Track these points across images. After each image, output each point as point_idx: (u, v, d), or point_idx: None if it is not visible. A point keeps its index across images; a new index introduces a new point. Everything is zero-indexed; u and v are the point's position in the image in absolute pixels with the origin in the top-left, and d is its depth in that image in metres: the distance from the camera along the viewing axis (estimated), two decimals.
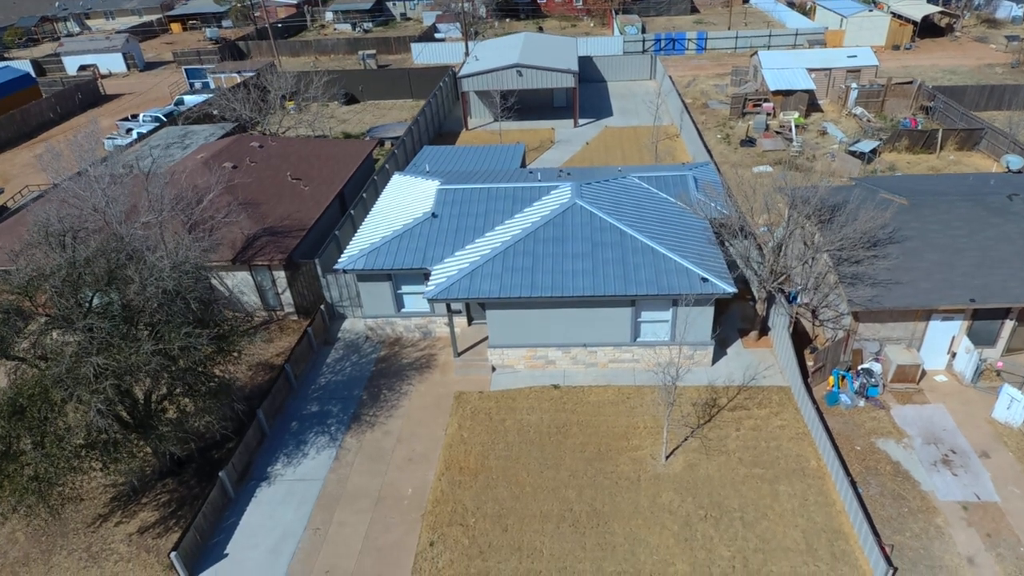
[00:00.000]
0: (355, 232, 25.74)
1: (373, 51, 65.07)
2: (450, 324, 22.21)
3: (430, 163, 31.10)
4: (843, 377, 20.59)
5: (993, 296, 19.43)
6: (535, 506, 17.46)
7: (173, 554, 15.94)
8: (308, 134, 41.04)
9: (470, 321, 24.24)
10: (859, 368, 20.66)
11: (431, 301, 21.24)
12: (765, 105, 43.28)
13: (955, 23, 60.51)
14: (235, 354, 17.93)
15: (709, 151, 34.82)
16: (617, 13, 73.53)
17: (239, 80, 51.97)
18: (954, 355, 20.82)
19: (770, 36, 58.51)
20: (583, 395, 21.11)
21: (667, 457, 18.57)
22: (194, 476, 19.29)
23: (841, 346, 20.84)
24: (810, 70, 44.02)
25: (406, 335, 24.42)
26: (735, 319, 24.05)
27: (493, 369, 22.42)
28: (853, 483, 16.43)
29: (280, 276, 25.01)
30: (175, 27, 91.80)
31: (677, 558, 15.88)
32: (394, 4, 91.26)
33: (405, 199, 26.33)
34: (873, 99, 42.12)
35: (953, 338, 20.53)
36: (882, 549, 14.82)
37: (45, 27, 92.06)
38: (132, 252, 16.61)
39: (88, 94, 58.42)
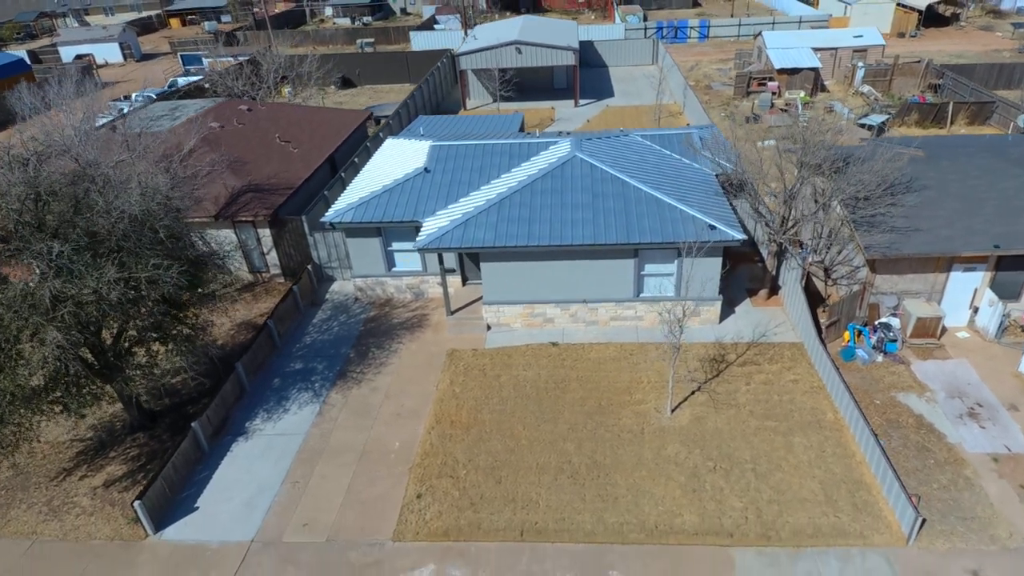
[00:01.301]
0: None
1: (372, 39, 64.34)
2: (443, 282, 21.07)
3: (425, 128, 30.06)
4: (859, 332, 19.39)
5: (1018, 242, 18.28)
6: (531, 458, 16.22)
7: (137, 503, 14.70)
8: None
9: (464, 281, 23.08)
10: (876, 323, 19.48)
11: (422, 252, 20.08)
12: (770, 84, 42.33)
13: (960, 12, 59.78)
14: (207, 293, 16.71)
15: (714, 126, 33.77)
16: (618, 5, 72.90)
17: (235, 63, 51.11)
18: (976, 310, 19.64)
19: (773, 23, 57.74)
20: (583, 352, 19.91)
21: (672, 411, 17.35)
22: (167, 431, 18.05)
23: (857, 299, 19.67)
24: (815, 49, 43.13)
25: (397, 296, 23.24)
26: (743, 280, 22.88)
27: (488, 328, 21.23)
28: (874, 434, 15.21)
29: (265, 234, 23.87)
30: (174, 22, 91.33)
31: (684, 509, 14.63)
32: (393, 1, 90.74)
33: (397, 159, 25.23)
34: (880, 78, 41.17)
35: (975, 291, 19.36)
36: (909, 498, 13.58)
37: (44, 23, 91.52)
38: (101, 180, 15.47)
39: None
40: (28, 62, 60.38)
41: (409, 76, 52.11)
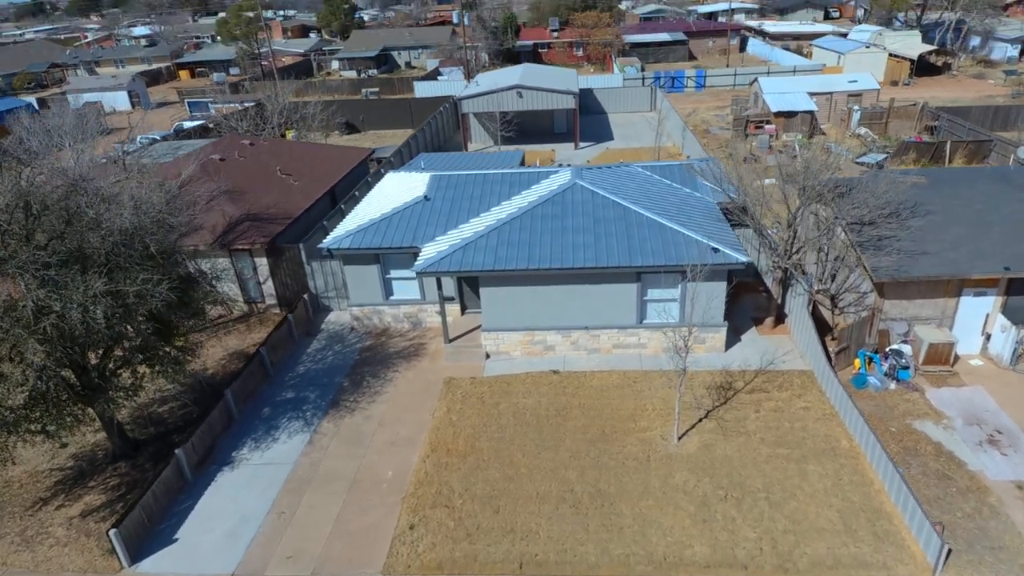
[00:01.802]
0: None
1: (376, 89, 65.71)
2: (441, 310, 20.59)
3: (426, 162, 30.13)
4: (870, 359, 18.78)
5: None
6: (531, 487, 15.39)
7: (113, 532, 13.83)
8: None
9: (463, 310, 22.59)
10: (887, 350, 18.88)
11: (420, 276, 19.70)
12: (767, 127, 42.82)
13: (951, 62, 61.15)
14: (197, 311, 16.19)
15: None
16: (616, 57, 74.79)
17: (240, 108, 51.99)
18: (989, 336, 19.06)
19: (768, 72, 58.97)
20: (585, 380, 19.25)
21: (679, 438, 16.59)
22: (150, 460, 17.25)
23: (865, 325, 19.13)
24: (811, 94, 43.81)
25: (394, 325, 22.71)
26: (748, 309, 22.38)
27: (487, 356, 20.62)
28: (892, 461, 14.43)
29: (262, 263, 23.52)
30: (183, 74, 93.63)
31: (695, 540, 13.74)
32: (399, 54, 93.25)
33: (397, 190, 25.11)
34: (876, 120, 41.66)
35: (987, 316, 18.84)
36: (934, 527, 12.73)
37: (55, 74, 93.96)
38: (93, 192, 15.19)
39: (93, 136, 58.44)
40: (36, 106, 61.48)
41: (412, 122, 52.85)
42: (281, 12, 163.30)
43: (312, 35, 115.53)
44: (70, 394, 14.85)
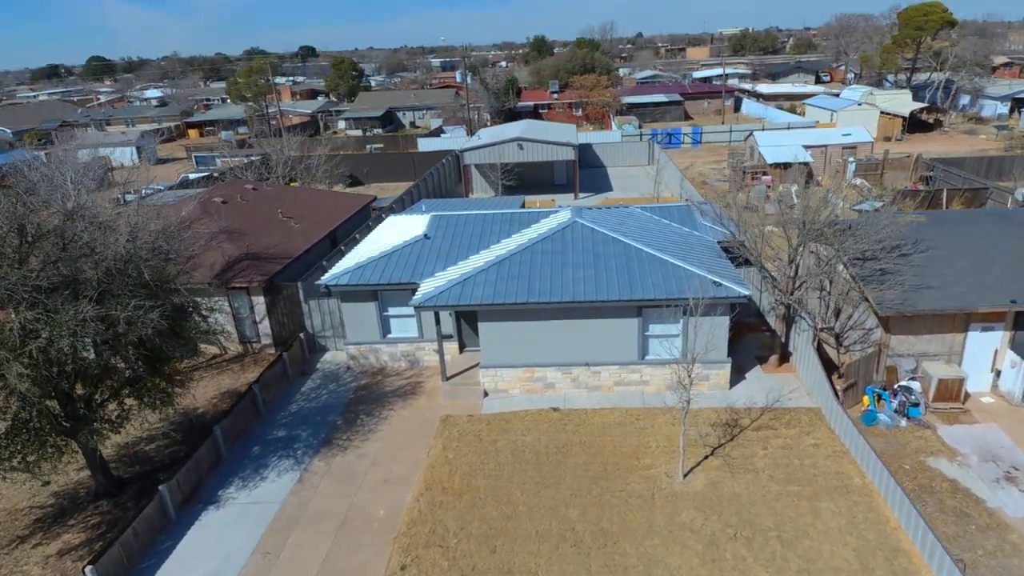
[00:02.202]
0: None
1: (381, 144, 67.05)
2: (439, 347, 20.24)
3: (427, 206, 30.31)
4: (879, 396, 18.27)
5: None
6: (530, 526, 14.66)
7: (89, 568, 13.08)
8: None
9: (462, 348, 22.21)
10: (896, 386, 18.40)
11: (418, 310, 19.44)
12: (764, 178, 43.36)
13: (943, 119, 62.55)
14: (189, 340, 15.83)
15: None
16: (614, 116, 76.66)
17: (246, 161, 52.91)
18: (999, 373, 18.61)
19: (763, 128, 60.23)
20: (586, 417, 18.69)
21: (685, 475, 15.94)
22: (133, 499, 16.54)
23: (872, 361, 18.71)
24: (806, 147, 44.57)
25: (391, 364, 22.27)
26: (751, 348, 21.99)
27: (485, 394, 20.12)
28: (909, 497, 13.78)
29: (259, 302, 23.29)
30: (192, 133, 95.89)
31: None
32: (403, 114, 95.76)
33: (397, 231, 25.15)
34: (872, 171, 42.20)
35: (996, 351, 18.44)
36: (956, 564, 12.02)
37: (66, 131, 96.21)
38: (90, 217, 15.07)
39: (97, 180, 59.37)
40: (43, 160, 62.58)
41: (415, 175, 53.55)
42: (291, 78, 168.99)
43: (320, 98, 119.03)
44: (53, 424, 14.35)
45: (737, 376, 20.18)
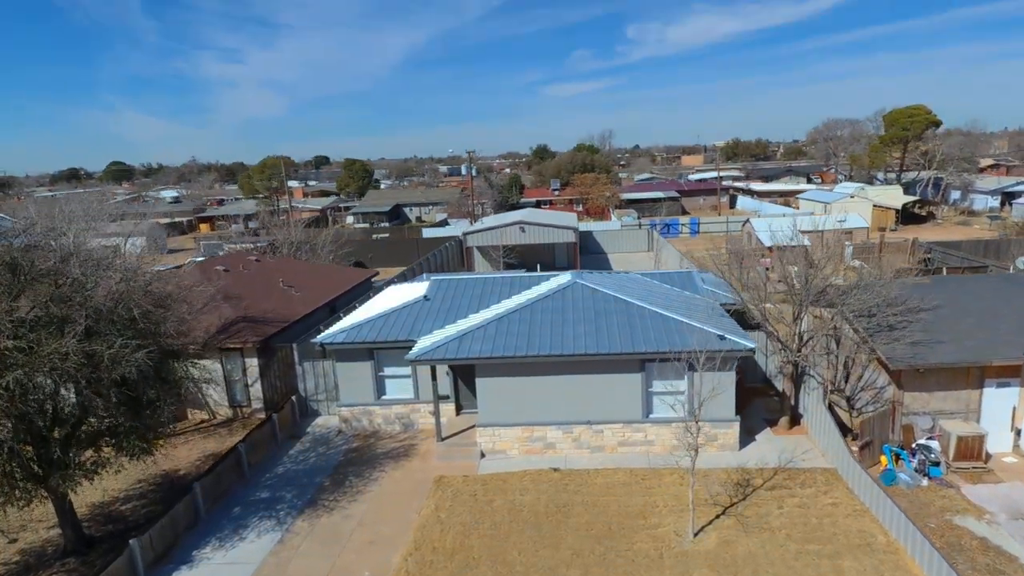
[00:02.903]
0: None
1: (387, 234, 68.42)
2: (435, 407, 19.55)
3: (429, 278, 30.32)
4: (897, 456, 17.33)
5: None
6: None
7: None
8: None
9: (459, 410, 21.41)
10: (914, 445, 17.49)
11: (414, 363, 18.90)
12: (763, 260, 43.70)
13: (935, 210, 63.94)
14: (174, 385, 15.24)
15: None
16: (614, 210, 78.67)
17: (253, 247, 53.78)
18: (1019, 432, 17.74)
19: (759, 216, 61.51)
20: (588, 477, 17.67)
21: (695, 534, 14.80)
22: (102, 557, 15.33)
23: (887, 419, 17.90)
24: (802, 232, 45.19)
25: (385, 427, 21.41)
26: (760, 411, 21.17)
27: (482, 455, 19.16)
28: (939, 552, 12.70)
29: (252, 364, 22.75)
30: (203, 227, 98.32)
31: None
32: (410, 209, 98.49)
33: (397, 296, 25.04)
34: (869, 254, 42.55)
35: (1015, 409, 17.67)
36: None
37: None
38: (85, 257, 14.94)
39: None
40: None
41: (418, 258, 54.27)
42: (304, 181, 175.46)
43: (332, 197, 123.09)
44: (24, 467, 13.54)
45: (747, 438, 19.27)
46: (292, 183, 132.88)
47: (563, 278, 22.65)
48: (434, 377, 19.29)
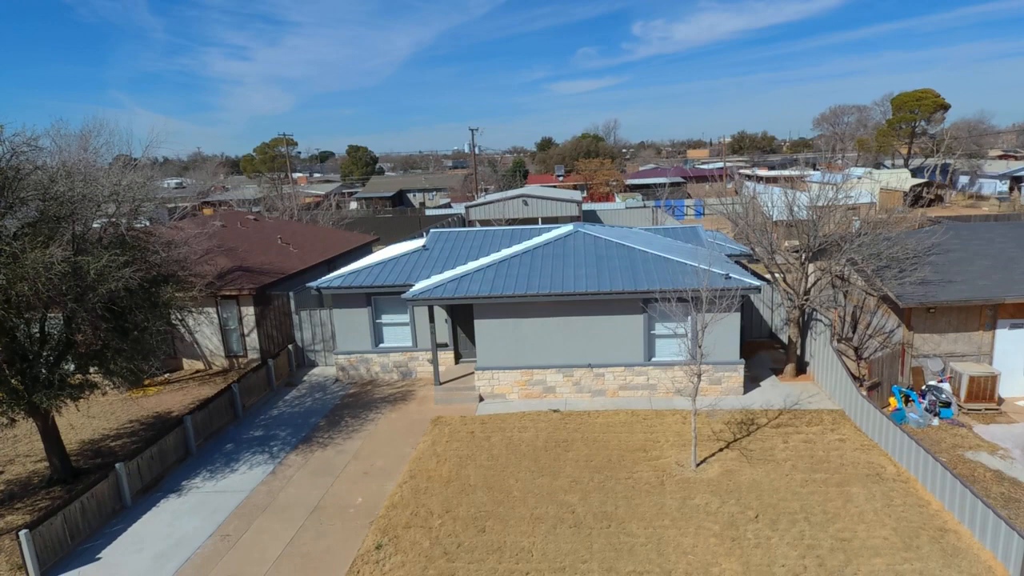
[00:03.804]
0: None
1: (390, 215, 68.06)
2: (433, 352, 19.11)
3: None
4: (907, 396, 16.84)
5: None
6: (524, 510, 13.03)
7: (24, 533, 11.53)
8: None
9: (457, 358, 21.02)
10: (924, 387, 17.01)
11: (411, 304, 18.47)
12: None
13: (943, 194, 63.17)
14: (164, 305, 14.84)
15: None
16: (618, 193, 78.11)
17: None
18: None
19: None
20: (589, 418, 17.24)
21: (698, 464, 14.36)
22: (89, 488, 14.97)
23: (896, 360, 17.42)
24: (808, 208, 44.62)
25: (383, 375, 21.02)
26: (766, 362, 20.70)
27: (481, 399, 18.75)
28: (955, 475, 12.23)
29: (248, 313, 22.39)
30: (207, 210, 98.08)
31: (722, 559, 11.24)
32: (414, 195, 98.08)
33: (397, 249, 24.64)
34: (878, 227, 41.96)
35: None
36: (1020, 532, 10.39)
37: None
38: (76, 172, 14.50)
39: None
40: None
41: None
42: (309, 171, 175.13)
43: (335, 183, 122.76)
44: (4, 382, 13.18)
45: (752, 385, 18.81)
46: (296, 175, 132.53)
47: (564, 228, 22.20)
48: (431, 319, 18.88)
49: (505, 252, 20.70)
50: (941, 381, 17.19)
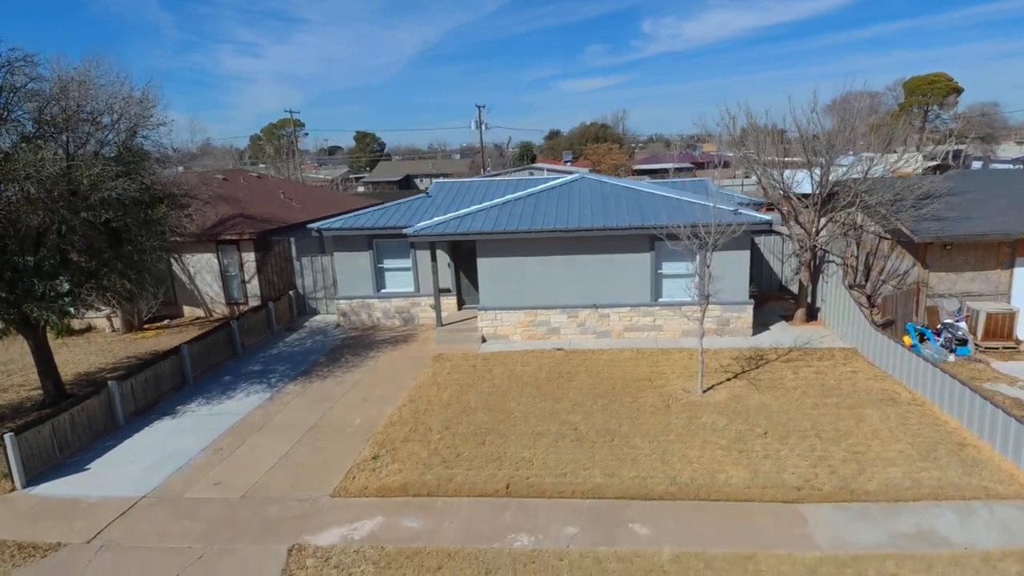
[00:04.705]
0: None
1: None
2: (435, 293, 18.77)
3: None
4: (921, 334, 16.35)
5: None
6: (525, 427, 12.66)
7: (9, 436, 11.24)
8: None
9: (460, 304, 20.66)
10: (939, 325, 16.52)
11: (412, 240, 18.10)
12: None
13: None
14: (160, 224, 14.50)
15: None
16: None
17: None
18: None
19: None
20: (593, 355, 16.84)
21: (705, 391, 13.94)
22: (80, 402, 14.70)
23: (911, 299, 16.93)
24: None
25: (384, 321, 20.69)
26: (776, 311, 20.22)
27: (483, 340, 18.38)
28: (979, 392, 11.78)
29: (249, 258, 22.10)
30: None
31: (729, 467, 10.82)
32: (421, 180, 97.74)
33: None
34: None
35: None
36: None
37: None
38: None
39: None
40: None
41: None
42: (316, 161, 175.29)
43: (343, 169, 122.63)
44: None
45: (761, 329, 18.35)
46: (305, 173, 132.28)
47: (571, 176, 21.79)
48: (434, 258, 18.52)
49: (510, 196, 20.31)
50: (958, 320, 16.68)
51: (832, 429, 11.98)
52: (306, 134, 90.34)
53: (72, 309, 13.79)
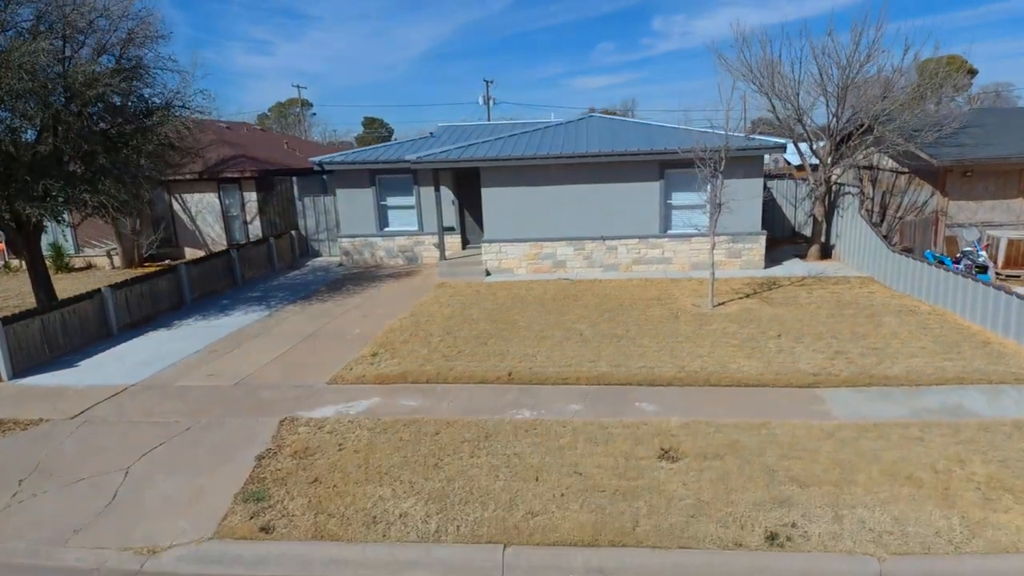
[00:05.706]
0: None
1: None
2: (439, 235, 18.36)
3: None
4: (940, 261, 15.78)
5: None
6: (530, 333, 12.22)
7: None
8: None
9: (464, 244, 20.27)
10: (959, 253, 15.98)
11: (415, 167, 17.70)
12: None
13: None
14: (151, 128, 14.07)
15: None
16: None
17: None
18: None
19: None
20: (600, 283, 16.39)
21: (715, 306, 13.47)
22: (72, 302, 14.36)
23: (929, 228, 16.40)
24: None
25: (387, 260, 20.29)
26: (789, 251, 19.69)
27: (487, 273, 17.95)
28: (1004, 289, 11.27)
29: (251, 198, 21.75)
30: None
31: (742, 360, 10.35)
32: None
33: None
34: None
35: None
36: None
37: None
38: None
39: None
40: None
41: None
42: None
43: None
44: None
45: (773, 264, 17.85)
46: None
47: (579, 116, 21.34)
48: (437, 189, 18.10)
49: (517, 131, 19.88)
50: (977, 250, 16.12)
51: (849, 333, 11.48)
52: (314, 114, 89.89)
53: (66, 213, 13.41)
